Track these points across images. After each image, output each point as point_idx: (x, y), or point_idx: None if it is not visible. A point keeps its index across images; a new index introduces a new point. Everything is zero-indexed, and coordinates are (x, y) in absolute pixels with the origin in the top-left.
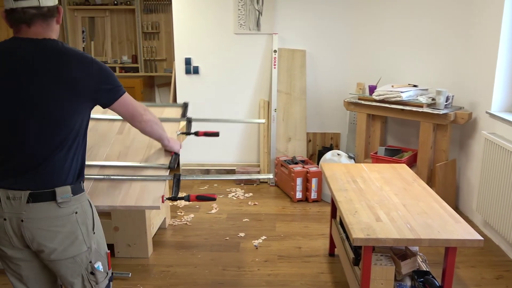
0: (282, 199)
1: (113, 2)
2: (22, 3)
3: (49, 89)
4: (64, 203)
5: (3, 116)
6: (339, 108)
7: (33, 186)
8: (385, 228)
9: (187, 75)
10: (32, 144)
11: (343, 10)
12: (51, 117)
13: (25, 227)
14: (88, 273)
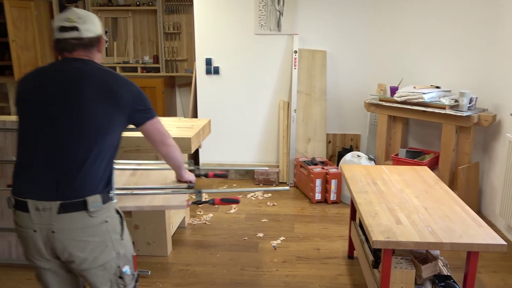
0: (301, 200)
1: (136, 3)
2: (65, 34)
3: (96, 102)
4: (95, 212)
5: (47, 127)
6: (359, 109)
7: (63, 196)
8: (405, 231)
9: (207, 75)
10: (72, 153)
11: (365, 10)
12: (95, 128)
13: (56, 238)
14: (117, 277)
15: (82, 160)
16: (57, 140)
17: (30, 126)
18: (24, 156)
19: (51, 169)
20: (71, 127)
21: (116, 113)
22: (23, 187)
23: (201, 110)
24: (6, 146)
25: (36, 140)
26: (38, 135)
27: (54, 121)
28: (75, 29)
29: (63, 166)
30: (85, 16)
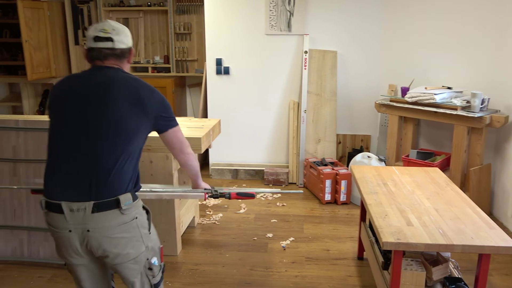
0: (311, 201)
1: (147, 3)
2: (99, 44)
3: (126, 108)
4: (127, 210)
5: (79, 132)
6: (370, 110)
7: (96, 196)
8: (416, 233)
9: (218, 75)
10: (104, 156)
11: (375, 10)
12: (124, 132)
13: (92, 237)
14: (146, 269)
15: (113, 162)
16: (89, 143)
17: (62, 130)
18: (56, 159)
19: (84, 171)
20: (102, 131)
21: (143, 118)
22: (56, 189)
23: (211, 110)
24: (19, 145)
25: (68, 143)
26: (70, 138)
27: (87, 126)
28: (109, 39)
29: (96, 168)
30: (119, 28)
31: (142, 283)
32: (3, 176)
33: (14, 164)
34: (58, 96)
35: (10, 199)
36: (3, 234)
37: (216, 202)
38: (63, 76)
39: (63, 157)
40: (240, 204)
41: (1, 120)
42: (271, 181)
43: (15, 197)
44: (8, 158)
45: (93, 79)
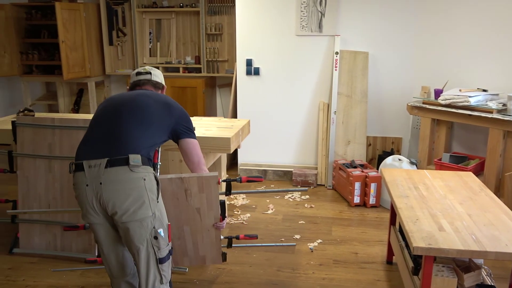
0: (339, 203)
1: (179, 4)
2: (140, 76)
3: (153, 105)
4: (135, 168)
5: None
6: (401, 112)
7: (110, 154)
8: (448, 238)
9: (248, 76)
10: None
11: (409, 11)
12: (150, 120)
13: (103, 189)
14: (152, 237)
15: (133, 134)
16: (116, 123)
17: (98, 118)
18: (88, 135)
19: (106, 138)
20: (132, 116)
21: (167, 116)
22: (81, 154)
23: (240, 111)
24: (55, 143)
25: (101, 124)
26: (104, 121)
27: (121, 113)
28: (148, 73)
29: (115, 135)
30: (155, 70)
31: (148, 252)
32: (40, 172)
33: (49, 161)
34: (104, 102)
35: (45, 194)
36: (38, 228)
37: (244, 202)
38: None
39: (92, 133)
40: (268, 205)
41: (38, 118)
42: (299, 182)
43: (50, 193)
44: (44, 155)
45: (135, 90)
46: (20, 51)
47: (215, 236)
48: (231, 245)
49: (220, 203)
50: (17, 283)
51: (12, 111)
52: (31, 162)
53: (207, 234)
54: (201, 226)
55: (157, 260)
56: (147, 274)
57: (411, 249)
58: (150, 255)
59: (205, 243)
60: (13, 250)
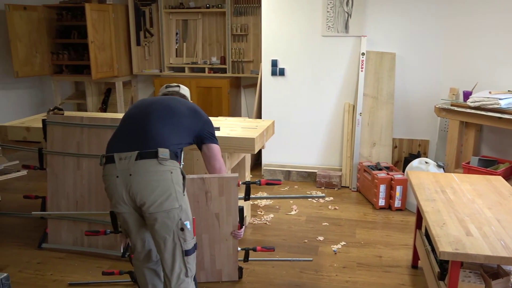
0: (364, 206)
1: (206, 5)
2: (169, 89)
3: (183, 110)
4: (163, 161)
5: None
6: (429, 114)
7: (141, 147)
8: (476, 244)
9: (273, 76)
10: (155, 128)
11: (438, 12)
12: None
13: (133, 180)
14: (178, 229)
15: (162, 131)
16: (147, 116)
17: (130, 116)
18: (119, 130)
19: (136, 132)
20: (162, 116)
21: (194, 119)
22: (112, 147)
23: (265, 111)
24: (83, 141)
25: (132, 121)
26: (135, 118)
27: (151, 112)
28: (177, 86)
29: (145, 130)
30: (183, 86)
31: (174, 243)
32: (68, 169)
33: (77, 159)
34: (137, 103)
35: (73, 191)
36: (66, 224)
37: (268, 202)
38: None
39: (123, 129)
40: (292, 206)
41: (68, 117)
42: (323, 183)
43: (78, 190)
44: (73, 153)
45: (164, 95)
46: (51, 51)
47: (232, 247)
48: (248, 259)
49: (239, 209)
50: (45, 277)
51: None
52: (60, 159)
53: (225, 244)
54: (219, 235)
55: (183, 252)
56: (172, 266)
57: (438, 254)
58: (176, 246)
59: (222, 255)
60: (42, 245)
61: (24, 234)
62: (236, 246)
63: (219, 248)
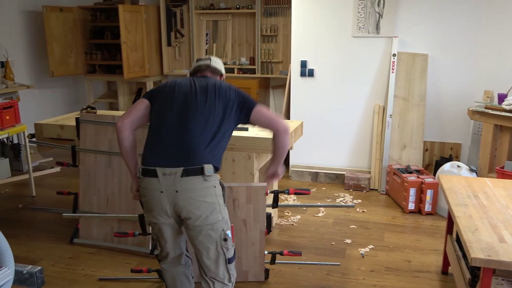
0: (393, 209)
1: (236, 6)
2: (200, 62)
3: (214, 103)
4: (208, 177)
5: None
6: (461, 116)
7: (186, 164)
8: (509, 250)
9: (302, 77)
10: (195, 135)
11: (472, 13)
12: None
13: (179, 197)
14: (221, 239)
15: (202, 139)
16: (184, 124)
17: (161, 114)
18: (154, 135)
19: (177, 145)
20: (196, 115)
21: (229, 111)
22: (152, 159)
23: (294, 112)
24: (114, 139)
25: (165, 123)
26: (167, 119)
27: (184, 110)
28: (208, 59)
29: (187, 143)
30: (216, 58)
31: (217, 253)
32: (100, 167)
33: (109, 157)
34: (162, 91)
35: (104, 188)
36: (97, 221)
37: (295, 203)
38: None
39: (159, 134)
40: (319, 208)
41: (100, 115)
42: (351, 186)
43: (108, 187)
44: (105, 151)
45: (193, 81)
46: (85, 51)
47: (259, 251)
48: (274, 261)
49: (267, 216)
50: (76, 271)
51: (76, 108)
52: (92, 157)
53: (252, 248)
54: (246, 240)
55: (226, 260)
56: (216, 272)
57: (469, 260)
58: (220, 255)
59: (248, 258)
60: (73, 240)
61: (57, 229)
62: (263, 250)
63: (245, 251)
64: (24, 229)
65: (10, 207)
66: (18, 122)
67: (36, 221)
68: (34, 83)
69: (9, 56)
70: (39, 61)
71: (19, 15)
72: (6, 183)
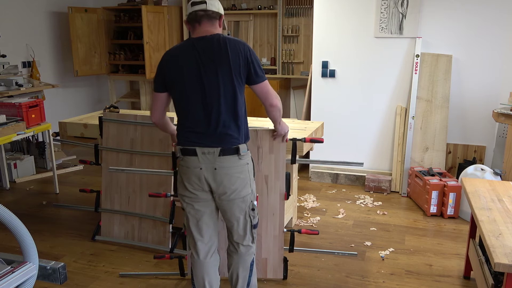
0: (414, 212)
1: (257, 6)
2: (195, 7)
3: (222, 73)
4: (243, 156)
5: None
6: (486, 119)
7: (222, 144)
8: None
9: (323, 78)
10: (226, 113)
11: (498, 14)
12: (231, 95)
13: (217, 174)
14: (250, 209)
15: (234, 118)
16: (211, 102)
17: (184, 99)
18: (185, 118)
19: (212, 128)
20: (218, 101)
21: (238, 77)
22: (191, 140)
23: (314, 113)
24: (136, 138)
25: (194, 104)
26: (199, 107)
27: (206, 88)
28: (203, 2)
29: (223, 127)
30: (210, 1)
31: (245, 221)
32: (122, 165)
33: (131, 155)
34: (173, 79)
35: (125, 186)
36: (118, 218)
37: (315, 205)
38: None
39: (192, 118)
40: (339, 209)
41: (122, 114)
42: (372, 188)
43: (130, 185)
44: (127, 150)
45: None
46: (108, 52)
47: (278, 225)
48: (293, 247)
49: (286, 176)
50: (97, 268)
51: (99, 107)
52: (114, 155)
53: (272, 221)
54: (267, 206)
55: (252, 226)
56: (244, 237)
57: (492, 265)
58: (247, 223)
59: (268, 237)
60: (95, 237)
61: (79, 226)
62: (283, 222)
63: (266, 226)
64: (48, 225)
65: (35, 204)
66: (43, 120)
67: (59, 218)
68: (59, 82)
69: (36, 56)
70: (64, 61)
71: (45, 16)
72: (31, 180)
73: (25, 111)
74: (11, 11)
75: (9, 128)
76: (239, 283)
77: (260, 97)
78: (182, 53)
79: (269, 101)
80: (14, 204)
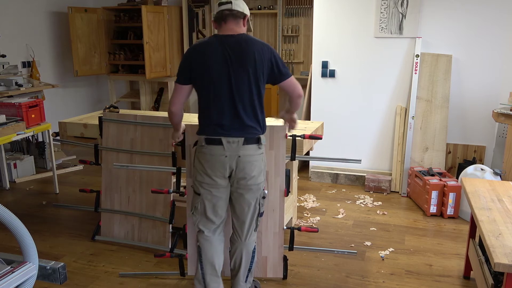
0: (414, 212)
1: (257, 6)
2: (222, 7)
3: (247, 70)
4: (262, 146)
5: (224, 87)
6: (486, 119)
7: (245, 134)
8: None
9: (323, 78)
10: (248, 105)
11: (498, 14)
12: (254, 90)
13: (240, 161)
14: (261, 197)
15: (256, 111)
16: (239, 96)
17: (210, 87)
18: (209, 111)
19: (237, 119)
20: (243, 84)
21: (260, 74)
22: (215, 130)
23: (314, 113)
24: (136, 138)
25: (221, 102)
26: (217, 93)
27: (229, 81)
28: (229, 3)
29: (242, 115)
30: (236, 2)
31: (255, 208)
32: None
33: (131, 155)
34: (200, 74)
35: (125, 186)
36: (118, 218)
37: (314, 205)
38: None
39: (218, 108)
40: (339, 209)
41: (122, 114)
42: (372, 188)
43: (130, 185)
44: (127, 150)
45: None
46: (108, 51)
47: (278, 222)
48: (293, 246)
49: (286, 172)
50: (97, 268)
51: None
52: (114, 155)
53: (272, 218)
54: (267, 202)
55: (259, 214)
56: (249, 224)
57: (492, 265)
58: (256, 210)
59: (268, 234)
60: (95, 237)
61: (79, 226)
62: (283, 218)
63: (266, 223)
64: (48, 225)
65: (35, 204)
66: (43, 120)
67: (59, 218)
68: (59, 82)
69: (35, 56)
70: (63, 61)
71: (45, 16)
72: (31, 180)
73: (25, 111)
74: (11, 11)
75: (9, 128)
76: (241, 267)
77: (288, 90)
78: (209, 48)
79: (297, 92)
80: (14, 204)
